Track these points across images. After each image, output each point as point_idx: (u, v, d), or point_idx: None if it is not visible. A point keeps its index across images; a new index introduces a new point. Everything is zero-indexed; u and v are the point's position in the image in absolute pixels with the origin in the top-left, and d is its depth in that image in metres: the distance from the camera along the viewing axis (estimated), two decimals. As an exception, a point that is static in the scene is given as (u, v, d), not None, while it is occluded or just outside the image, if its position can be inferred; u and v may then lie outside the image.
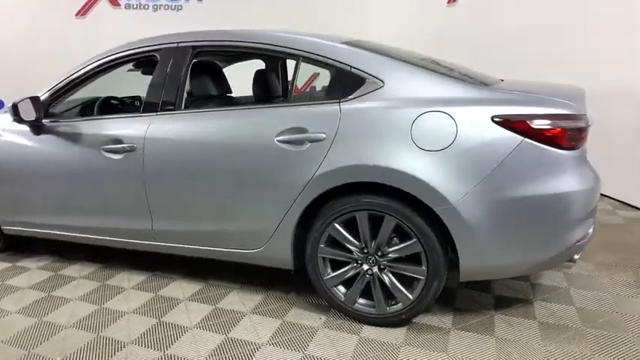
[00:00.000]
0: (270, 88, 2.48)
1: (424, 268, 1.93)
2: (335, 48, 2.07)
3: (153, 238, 2.43)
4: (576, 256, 1.96)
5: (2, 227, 2.84)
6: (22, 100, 2.42)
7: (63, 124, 2.50)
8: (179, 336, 2.05)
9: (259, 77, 2.48)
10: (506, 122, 1.77)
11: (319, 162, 1.95)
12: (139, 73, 2.96)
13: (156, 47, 2.38)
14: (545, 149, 1.76)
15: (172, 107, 2.28)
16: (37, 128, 2.53)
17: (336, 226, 2.02)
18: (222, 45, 2.29)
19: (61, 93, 2.57)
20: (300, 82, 5.16)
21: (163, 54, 2.34)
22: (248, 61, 2.97)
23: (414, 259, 1.97)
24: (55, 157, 2.49)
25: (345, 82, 2.02)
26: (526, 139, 1.76)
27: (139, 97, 3.23)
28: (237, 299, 2.36)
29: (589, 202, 1.87)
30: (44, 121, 2.51)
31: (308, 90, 5.55)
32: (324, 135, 1.95)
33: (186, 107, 2.29)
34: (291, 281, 2.47)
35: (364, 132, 1.91)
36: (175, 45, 2.33)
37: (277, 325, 2.12)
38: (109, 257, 2.91)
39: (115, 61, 2.47)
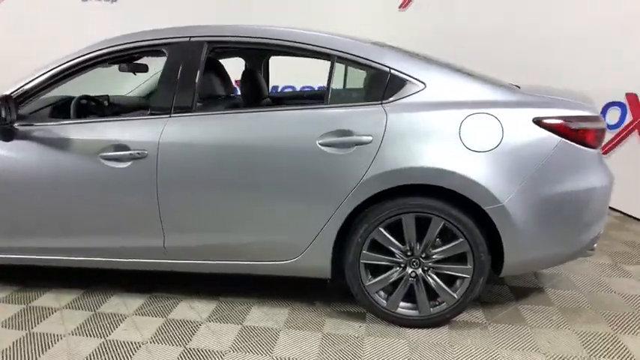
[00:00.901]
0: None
1: (470, 266, 1.98)
2: (374, 49, 2.03)
3: (164, 256, 2.16)
4: (595, 245, 2.16)
5: None
6: None
7: (42, 128, 2.11)
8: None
9: None
10: (545, 123, 1.88)
11: (367, 165, 1.89)
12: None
13: (164, 41, 2.12)
14: (579, 148, 1.90)
15: (188, 108, 2.04)
16: (5, 133, 2.10)
17: (381, 230, 1.98)
18: (243, 42, 2.11)
19: (35, 91, 2.17)
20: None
21: (174, 49, 2.09)
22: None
23: (457, 258, 2.01)
24: (34, 168, 2.09)
25: (386, 84, 1.98)
26: (563, 139, 1.88)
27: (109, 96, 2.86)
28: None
29: (610, 195, 2.06)
30: (15, 124, 2.10)
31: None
32: (370, 137, 1.90)
33: (201, 108, 2.07)
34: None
35: (413, 134, 1.89)
36: (187, 39, 2.10)
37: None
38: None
39: (111, 55, 2.14)
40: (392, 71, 1.99)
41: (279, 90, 6.14)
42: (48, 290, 2.44)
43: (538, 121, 1.88)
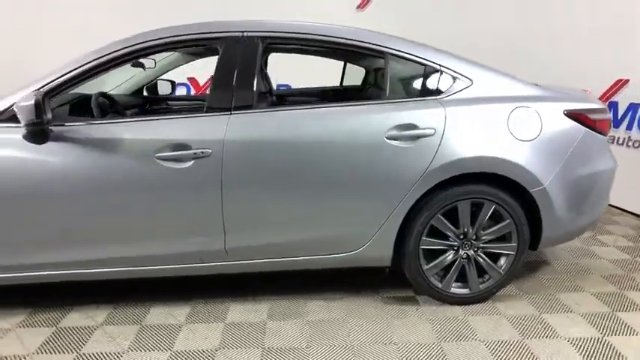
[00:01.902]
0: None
1: (514, 244, 2.21)
2: (424, 48, 2.16)
3: (224, 258, 2.08)
4: (599, 217, 2.52)
5: None
6: (25, 97, 1.75)
7: (80, 128, 1.90)
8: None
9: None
10: (573, 115, 2.17)
11: (431, 157, 2.02)
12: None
13: (215, 35, 2.03)
14: (597, 136, 2.22)
15: (249, 105, 1.99)
16: (38, 135, 1.86)
17: (440, 216, 2.13)
18: (298, 38, 2.10)
19: (66, 87, 1.94)
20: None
21: (228, 44, 2.02)
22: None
23: (501, 238, 2.23)
24: (74, 172, 1.87)
25: (437, 81, 2.13)
26: (586, 129, 2.19)
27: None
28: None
29: (614, 174, 2.43)
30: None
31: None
32: (433, 130, 2.03)
33: (260, 105, 2.03)
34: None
35: (469, 126, 2.06)
36: (240, 34, 2.03)
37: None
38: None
39: (154, 49, 2.00)
40: (442, 68, 2.14)
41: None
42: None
43: (568, 113, 2.16)
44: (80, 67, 1.93)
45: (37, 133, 1.84)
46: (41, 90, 1.85)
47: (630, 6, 3.49)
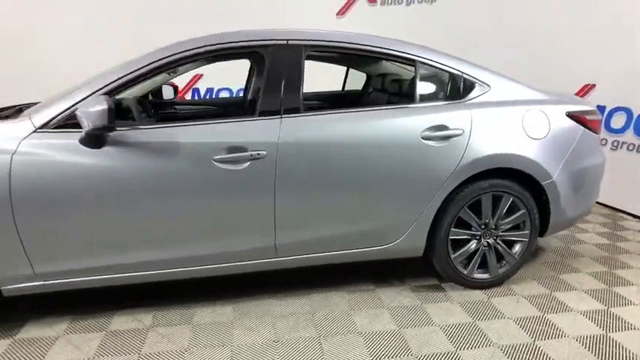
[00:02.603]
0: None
1: (527, 231, 2.48)
2: (448, 56, 2.38)
3: (274, 255, 2.18)
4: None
5: (44, 283, 1.97)
6: (89, 102, 1.77)
7: (137, 132, 1.93)
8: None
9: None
10: (574, 116, 2.48)
11: (460, 155, 2.24)
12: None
13: (262, 43, 2.13)
14: (592, 134, 2.55)
15: (297, 109, 2.11)
16: (97, 140, 1.87)
17: (466, 209, 2.35)
18: (338, 46, 2.25)
19: (120, 90, 1.97)
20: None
21: (272, 51, 2.12)
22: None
23: (516, 226, 2.49)
24: (132, 176, 1.89)
25: (461, 86, 2.36)
26: (584, 128, 2.51)
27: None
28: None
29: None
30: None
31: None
32: (462, 131, 2.25)
33: (306, 108, 2.15)
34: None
35: (491, 126, 2.30)
36: (285, 42, 2.15)
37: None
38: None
39: (206, 54, 2.07)
40: (464, 75, 2.37)
41: (213, 93, 6.06)
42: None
43: (569, 115, 2.47)
44: (135, 71, 1.96)
45: (97, 138, 1.86)
46: (101, 93, 1.88)
47: (599, 18, 3.93)
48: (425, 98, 2.34)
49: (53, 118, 1.88)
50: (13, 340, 2.01)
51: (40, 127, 1.86)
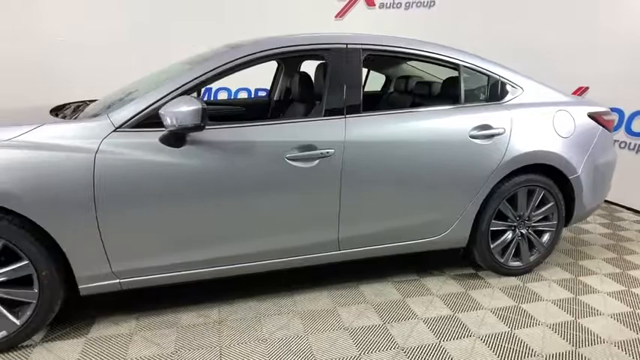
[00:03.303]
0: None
1: (555, 222, 2.71)
2: (486, 61, 2.56)
3: (337, 248, 2.29)
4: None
5: (120, 281, 2.00)
6: (175, 102, 1.82)
7: (214, 132, 1.99)
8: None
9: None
10: (594, 116, 2.73)
11: (502, 152, 2.43)
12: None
13: (324, 46, 2.23)
14: (607, 133, 2.81)
15: (358, 109, 2.23)
16: (178, 139, 1.92)
17: (505, 202, 2.55)
18: (392, 50, 2.38)
19: (194, 89, 2.02)
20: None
21: (334, 54, 2.23)
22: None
23: (545, 217, 2.71)
24: (211, 174, 1.96)
25: (499, 89, 2.56)
26: (601, 127, 2.76)
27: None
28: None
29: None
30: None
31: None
32: (503, 129, 2.44)
33: (365, 108, 2.27)
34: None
35: (527, 125, 2.51)
36: (345, 46, 2.26)
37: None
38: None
39: (276, 55, 2.16)
40: (501, 78, 2.57)
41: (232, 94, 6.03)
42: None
43: (590, 115, 2.71)
44: (212, 70, 2.02)
45: (179, 137, 1.91)
46: (178, 93, 1.93)
47: (592, 26, 4.26)
48: (469, 99, 2.52)
49: (132, 118, 1.91)
50: (87, 338, 2.02)
51: (120, 127, 1.89)
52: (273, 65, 3.62)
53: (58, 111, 2.34)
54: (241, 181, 2.02)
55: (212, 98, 5.88)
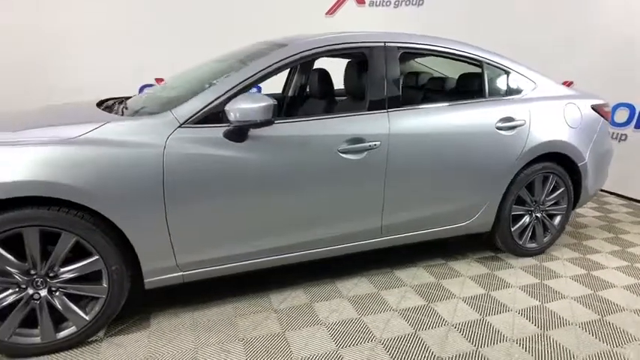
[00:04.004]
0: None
1: (565, 206, 2.96)
2: (504, 58, 2.76)
3: (380, 235, 2.42)
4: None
5: (183, 273, 2.05)
6: (250, 97, 1.90)
7: (275, 127, 2.06)
8: None
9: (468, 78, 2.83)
10: (596, 108, 2.99)
11: (524, 142, 2.64)
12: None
13: (365, 45, 2.35)
14: (607, 124, 3.09)
15: (398, 103, 2.36)
16: (241, 134, 1.99)
17: (524, 188, 2.76)
18: (425, 48, 2.52)
19: (251, 86, 2.09)
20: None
21: (374, 52, 2.35)
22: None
23: (556, 202, 2.95)
24: (270, 167, 2.04)
25: (517, 83, 2.76)
26: (602, 118, 3.03)
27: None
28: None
29: (611, 151, 3.34)
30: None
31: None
32: (524, 121, 2.65)
33: (404, 103, 2.41)
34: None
35: (543, 117, 2.72)
36: (383, 44, 2.39)
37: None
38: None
39: (325, 53, 2.26)
40: (517, 74, 2.77)
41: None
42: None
43: (593, 107, 2.98)
44: (267, 68, 2.09)
45: (242, 132, 1.98)
46: (237, 90, 2.00)
47: (574, 24, 4.59)
48: (492, 93, 2.70)
49: (195, 114, 1.96)
50: (150, 331, 2.05)
51: (184, 123, 1.94)
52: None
53: (100, 107, 2.35)
54: (298, 174, 2.11)
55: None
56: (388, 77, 2.36)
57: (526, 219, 2.86)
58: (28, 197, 1.68)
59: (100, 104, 2.46)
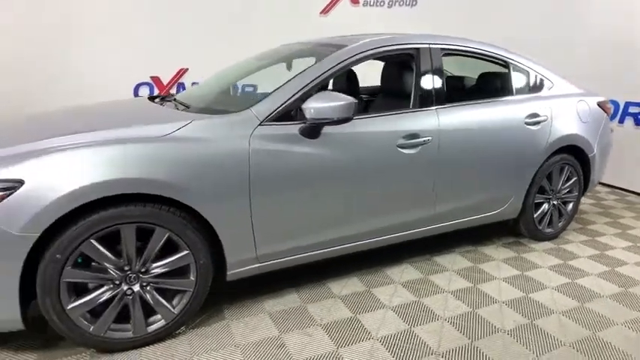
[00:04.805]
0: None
1: (577, 194, 3.26)
2: (527, 59, 3.01)
3: (433, 223, 2.61)
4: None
5: (259, 265, 2.14)
6: (328, 96, 2.03)
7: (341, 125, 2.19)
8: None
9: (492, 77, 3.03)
10: (601, 105, 3.31)
11: (547, 136, 2.90)
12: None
13: (413, 46, 2.51)
14: (607, 118, 3.42)
15: (443, 101, 2.55)
16: (316, 130, 2.10)
17: (545, 178, 3.03)
18: (463, 50, 2.72)
19: (316, 87, 2.19)
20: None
21: (421, 53, 2.52)
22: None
23: (569, 190, 3.25)
24: (340, 162, 2.16)
25: (537, 82, 3.02)
26: (605, 114, 3.36)
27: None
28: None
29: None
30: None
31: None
32: (546, 117, 2.91)
33: (447, 101, 2.59)
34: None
35: (562, 113, 3.00)
36: (428, 46, 2.56)
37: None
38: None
39: (379, 54, 2.41)
40: (538, 74, 3.03)
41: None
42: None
43: (598, 103, 3.29)
44: (331, 68, 2.22)
45: (316, 129, 2.09)
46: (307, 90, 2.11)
47: (566, 24, 4.96)
48: (518, 92, 2.94)
49: (273, 112, 2.06)
50: (228, 320, 2.13)
51: (263, 120, 2.03)
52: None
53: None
54: (364, 167, 2.25)
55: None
56: (434, 76, 2.54)
57: (545, 206, 3.14)
58: (120, 196, 1.72)
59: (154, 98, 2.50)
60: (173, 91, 5.87)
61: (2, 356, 1.84)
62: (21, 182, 1.58)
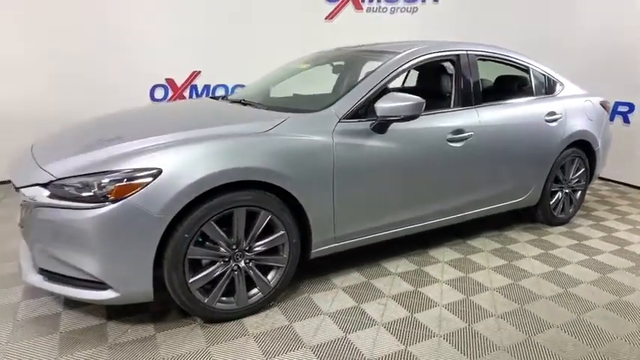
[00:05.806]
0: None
1: (584, 183, 3.68)
2: (542, 64, 3.41)
3: (471, 209, 2.95)
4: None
5: (335, 245, 2.42)
6: (397, 96, 2.34)
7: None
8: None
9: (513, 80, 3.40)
10: (602, 104, 3.75)
11: (563, 132, 3.30)
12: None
13: (455, 53, 2.86)
14: (606, 115, 3.86)
15: (480, 100, 2.90)
16: (384, 126, 2.40)
17: (559, 170, 3.44)
18: (492, 56, 3.09)
19: (381, 88, 2.50)
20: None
21: (461, 59, 2.87)
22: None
23: (578, 180, 3.66)
24: (403, 154, 2.48)
25: (552, 85, 3.43)
26: (605, 112, 3.80)
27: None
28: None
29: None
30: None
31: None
32: (561, 115, 3.31)
33: (482, 100, 2.95)
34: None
35: (573, 112, 3.41)
36: (466, 52, 2.91)
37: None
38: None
39: (426, 61, 2.73)
40: (552, 77, 3.44)
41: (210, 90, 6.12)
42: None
43: (600, 103, 3.73)
44: (394, 71, 2.55)
45: (385, 125, 2.40)
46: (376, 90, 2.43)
47: (561, 26, 5.44)
48: (537, 92, 3.34)
49: (349, 110, 2.36)
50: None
51: (342, 117, 2.32)
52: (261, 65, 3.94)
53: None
54: (422, 159, 2.59)
55: (211, 94, 6.03)
56: (473, 78, 2.90)
57: (559, 194, 3.54)
58: (232, 183, 1.98)
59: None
60: (186, 93, 6.06)
61: (126, 326, 2.06)
62: (160, 171, 1.82)
